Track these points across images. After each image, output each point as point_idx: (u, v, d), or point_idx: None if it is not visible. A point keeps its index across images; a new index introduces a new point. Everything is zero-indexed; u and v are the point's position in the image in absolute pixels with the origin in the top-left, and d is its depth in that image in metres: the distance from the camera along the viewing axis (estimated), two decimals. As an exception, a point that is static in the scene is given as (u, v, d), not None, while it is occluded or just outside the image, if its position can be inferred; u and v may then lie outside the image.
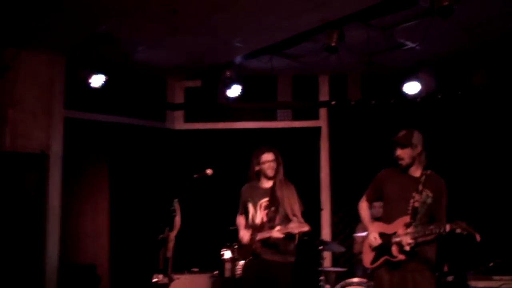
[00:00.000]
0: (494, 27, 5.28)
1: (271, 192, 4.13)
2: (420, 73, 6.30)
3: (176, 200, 4.07)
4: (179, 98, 7.13)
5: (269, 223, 4.04)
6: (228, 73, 6.38)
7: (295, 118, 6.98)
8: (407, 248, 3.37)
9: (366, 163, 6.56)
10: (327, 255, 5.96)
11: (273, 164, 4.19)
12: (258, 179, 4.28)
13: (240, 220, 4.35)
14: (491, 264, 4.94)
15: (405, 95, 6.39)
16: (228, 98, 6.49)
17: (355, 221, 6.25)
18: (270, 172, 4.19)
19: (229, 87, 6.39)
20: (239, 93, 6.40)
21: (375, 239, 3.56)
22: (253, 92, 6.81)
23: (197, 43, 5.86)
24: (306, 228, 3.85)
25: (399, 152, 3.57)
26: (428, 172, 3.59)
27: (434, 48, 5.80)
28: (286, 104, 7.00)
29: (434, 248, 3.52)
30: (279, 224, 3.99)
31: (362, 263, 5.47)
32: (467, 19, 4.97)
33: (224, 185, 6.25)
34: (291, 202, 4.07)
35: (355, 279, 5.03)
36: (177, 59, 6.37)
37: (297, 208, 4.09)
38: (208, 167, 4.33)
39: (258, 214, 4.14)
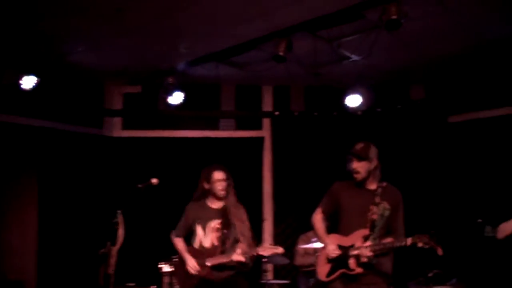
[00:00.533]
0: (433, 42, 5.47)
1: (223, 213, 3.96)
2: (361, 86, 6.43)
3: (119, 211, 3.80)
4: (118, 104, 6.80)
5: (222, 247, 3.88)
6: (170, 80, 6.18)
7: (238, 127, 6.87)
8: (365, 260, 3.33)
9: (309, 174, 6.59)
10: (269, 268, 5.86)
11: (224, 184, 4.02)
12: (205, 198, 4.09)
13: (180, 242, 4.08)
14: (431, 274, 5.05)
15: (346, 108, 6.50)
16: (170, 105, 6.27)
17: (297, 233, 6.24)
18: (221, 192, 4.01)
19: (170, 94, 6.18)
20: (181, 101, 6.20)
21: (333, 250, 3.49)
22: (196, 100, 6.64)
23: (139, 47, 5.61)
24: (279, 250, 3.77)
25: (356, 165, 3.53)
26: (384, 184, 3.59)
27: (376, 62, 5.93)
28: (229, 114, 6.88)
29: (391, 261, 3.52)
30: (230, 248, 3.86)
31: (305, 275, 5.52)
32: (408, 34, 5.09)
33: (165, 195, 6.01)
34: (243, 225, 3.94)
35: (299, 292, 4.97)
36: (117, 63, 6.07)
37: (247, 231, 3.95)
38: (148, 177, 4.13)
39: (208, 237, 3.95)
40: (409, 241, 3.20)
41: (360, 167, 3.52)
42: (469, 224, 5.07)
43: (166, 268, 5.47)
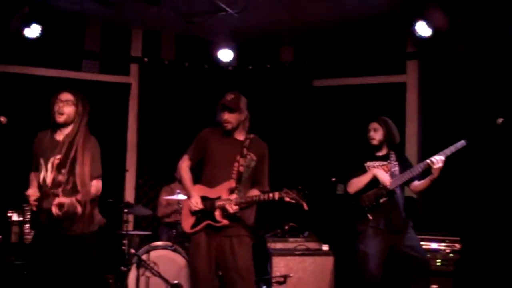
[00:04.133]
0: (308, 6, 5.63)
1: (67, 147, 3.27)
2: (233, 41, 6.43)
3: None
4: (-40, 30, 5.87)
5: (59, 188, 3.21)
6: (26, 9, 5.50)
7: (102, 71, 6.37)
8: (231, 213, 3.37)
9: (174, 127, 6.45)
10: (130, 218, 5.71)
11: (69, 107, 3.29)
12: (55, 129, 3.37)
13: (32, 177, 3.41)
14: (287, 227, 5.35)
15: (218, 62, 6.46)
16: (25, 38, 5.59)
17: (160, 185, 6.16)
18: (58, 116, 3.26)
19: (27, 26, 5.50)
20: (38, 34, 5.57)
21: (196, 203, 3.47)
22: (56, 36, 6.01)
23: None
24: (78, 209, 3.13)
25: (227, 116, 3.52)
26: (252, 136, 3.63)
27: (251, 18, 5.94)
28: (94, 55, 6.34)
29: (254, 213, 3.61)
30: (72, 190, 3.22)
31: (167, 227, 5.49)
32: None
33: (15, 137, 5.44)
34: (90, 162, 3.28)
35: (160, 243, 4.92)
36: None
37: (96, 169, 3.34)
38: (-2, 115, 3.65)
39: (49, 174, 3.26)
40: (276, 195, 3.28)
41: (231, 117, 3.52)
42: (323, 182, 5.45)
43: (15, 217, 5.04)
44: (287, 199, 3.23)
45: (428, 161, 3.92)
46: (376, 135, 4.25)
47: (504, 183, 4.54)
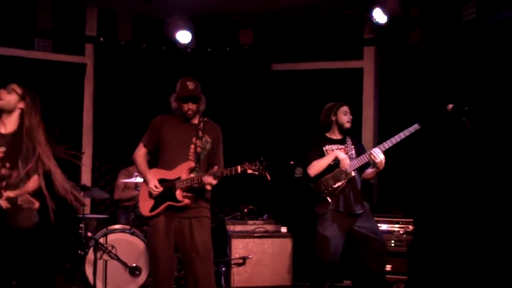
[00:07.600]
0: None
1: (12, 140, 3.14)
2: (192, 23, 6.35)
3: None
4: None
5: (2, 182, 3.07)
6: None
7: (56, 50, 6.13)
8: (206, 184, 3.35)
9: (130, 108, 6.33)
10: (87, 201, 5.60)
11: (11, 96, 3.17)
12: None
13: None
14: (246, 210, 5.39)
15: (176, 43, 6.37)
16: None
17: (117, 168, 6.06)
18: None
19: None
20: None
21: (156, 187, 3.45)
22: (6, 13, 5.76)
23: None
24: (36, 205, 3.07)
25: (191, 105, 3.51)
26: (205, 119, 3.65)
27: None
28: (46, 33, 6.09)
29: (210, 194, 3.62)
30: (17, 184, 3.09)
31: (125, 210, 5.42)
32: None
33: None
34: (42, 155, 3.14)
35: (118, 226, 4.85)
36: None
37: (50, 162, 3.17)
38: None
39: None
40: (239, 168, 3.25)
41: (195, 107, 3.52)
42: (282, 165, 5.50)
43: None
44: (249, 171, 3.21)
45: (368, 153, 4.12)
46: (350, 118, 4.33)
47: (454, 165, 4.73)
